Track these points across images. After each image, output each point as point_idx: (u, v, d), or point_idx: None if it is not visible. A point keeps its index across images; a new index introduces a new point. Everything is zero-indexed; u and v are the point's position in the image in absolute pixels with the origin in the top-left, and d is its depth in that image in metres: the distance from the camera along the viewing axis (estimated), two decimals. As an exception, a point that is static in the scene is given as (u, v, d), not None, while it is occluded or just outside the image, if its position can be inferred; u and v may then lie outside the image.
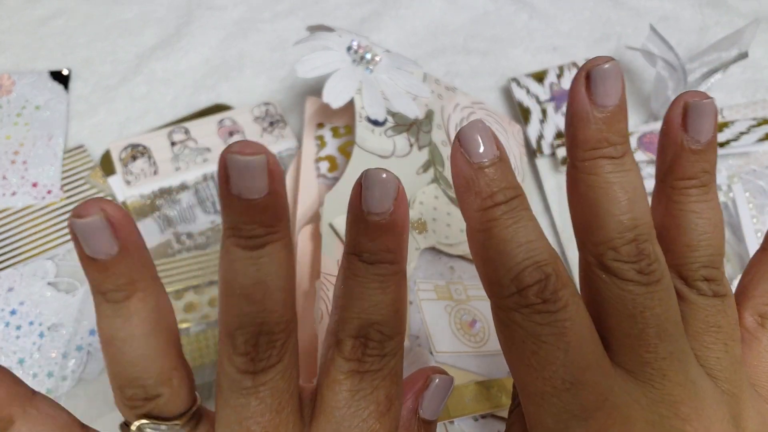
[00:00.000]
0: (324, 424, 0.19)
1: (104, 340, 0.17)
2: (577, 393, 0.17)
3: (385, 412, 0.19)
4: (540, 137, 0.43)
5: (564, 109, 0.44)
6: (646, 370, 0.17)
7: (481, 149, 0.18)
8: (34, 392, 0.18)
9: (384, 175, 0.18)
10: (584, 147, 0.18)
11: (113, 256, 0.17)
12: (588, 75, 0.18)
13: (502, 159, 0.18)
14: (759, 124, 0.40)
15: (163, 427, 0.18)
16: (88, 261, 0.17)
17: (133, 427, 0.18)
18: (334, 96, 0.34)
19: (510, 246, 0.17)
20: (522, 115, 0.44)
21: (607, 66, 0.18)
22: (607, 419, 0.17)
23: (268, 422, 0.18)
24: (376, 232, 0.18)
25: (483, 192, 0.18)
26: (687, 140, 0.18)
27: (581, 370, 0.17)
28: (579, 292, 0.18)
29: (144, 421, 0.18)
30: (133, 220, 0.17)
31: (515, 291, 0.17)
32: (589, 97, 0.18)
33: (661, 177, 0.19)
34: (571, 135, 0.19)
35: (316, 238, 0.32)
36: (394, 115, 0.36)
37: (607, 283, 0.18)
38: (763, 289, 0.20)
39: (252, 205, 0.16)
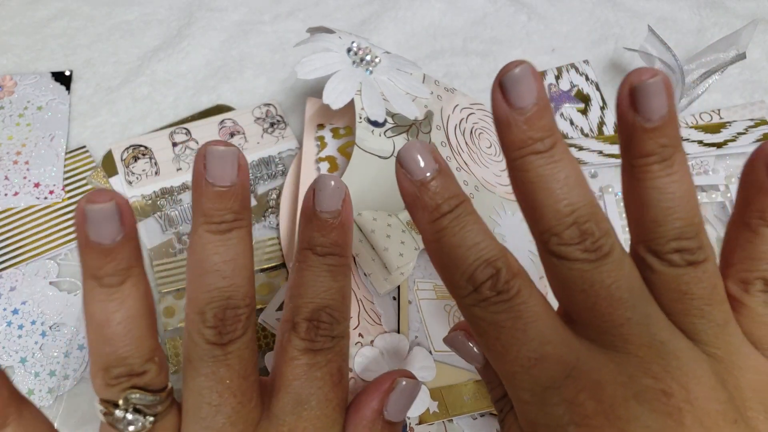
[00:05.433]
0: (284, 395, 0.21)
1: (97, 322, 0.19)
2: (543, 367, 0.18)
3: (337, 382, 0.21)
4: (539, 138, 0.43)
5: (562, 110, 0.44)
6: (606, 337, 0.18)
7: (421, 165, 0.19)
8: (24, 397, 0.19)
9: (333, 182, 0.22)
10: (512, 148, 0.19)
11: (117, 242, 0.18)
12: (501, 83, 0.19)
13: (441, 171, 0.20)
14: (756, 125, 0.41)
15: (150, 397, 0.19)
16: (89, 246, 0.18)
17: (120, 401, 0.19)
18: (335, 97, 0.35)
19: (461, 250, 0.19)
20: (521, 116, 0.44)
21: (517, 71, 0.18)
22: (576, 385, 0.18)
23: (237, 387, 0.20)
24: (327, 229, 0.22)
25: (429, 206, 0.19)
26: (639, 120, 0.18)
27: (542, 345, 0.18)
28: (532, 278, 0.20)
29: (133, 391, 0.19)
30: (132, 209, 0.19)
31: (472, 289, 0.19)
32: (507, 103, 0.19)
33: (623, 156, 0.20)
34: (500, 140, 0.19)
35: (317, 237, 0.32)
36: (393, 116, 0.36)
37: (558, 266, 0.19)
38: (741, 257, 0.20)
39: (223, 193, 0.20)
